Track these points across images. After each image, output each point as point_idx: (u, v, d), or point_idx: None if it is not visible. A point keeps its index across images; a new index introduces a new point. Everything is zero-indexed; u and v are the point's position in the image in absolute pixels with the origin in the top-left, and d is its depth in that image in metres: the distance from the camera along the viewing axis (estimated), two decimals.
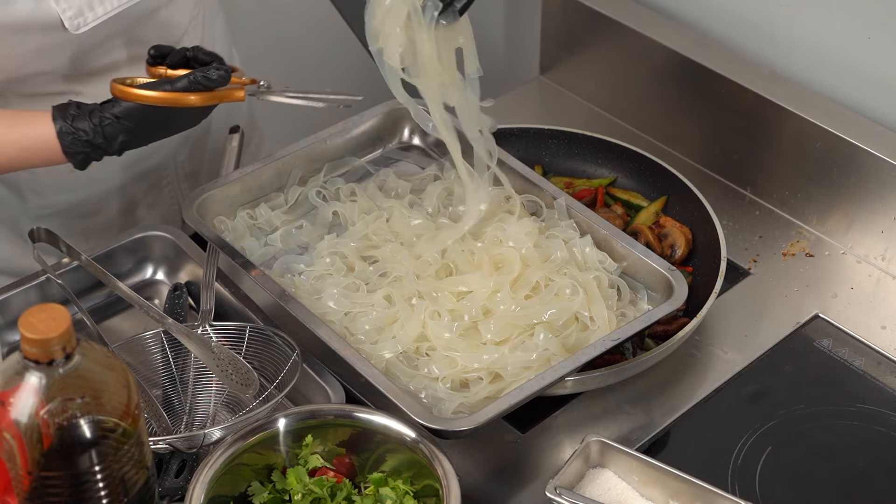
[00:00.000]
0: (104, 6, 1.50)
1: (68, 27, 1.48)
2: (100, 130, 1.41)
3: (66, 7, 1.47)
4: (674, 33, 1.90)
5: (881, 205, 1.71)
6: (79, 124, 1.41)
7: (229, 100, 1.44)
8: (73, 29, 1.48)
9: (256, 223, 1.63)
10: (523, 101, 2.08)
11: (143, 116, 1.41)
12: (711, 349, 1.61)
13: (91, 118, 1.41)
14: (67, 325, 1.06)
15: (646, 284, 1.54)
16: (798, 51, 1.82)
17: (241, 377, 1.43)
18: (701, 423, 1.52)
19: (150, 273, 1.66)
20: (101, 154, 1.43)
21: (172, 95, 1.40)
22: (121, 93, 1.41)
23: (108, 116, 1.41)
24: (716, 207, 1.69)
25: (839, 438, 1.51)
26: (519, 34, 2.38)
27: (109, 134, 1.41)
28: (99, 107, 1.42)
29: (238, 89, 1.44)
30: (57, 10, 1.46)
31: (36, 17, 1.46)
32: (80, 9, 1.48)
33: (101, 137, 1.41)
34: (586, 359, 1.40)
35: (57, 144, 1.41)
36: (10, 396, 1.07)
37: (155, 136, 1.46)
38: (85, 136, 1.41)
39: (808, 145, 1.76)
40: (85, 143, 1.41)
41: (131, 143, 1.43)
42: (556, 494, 1.32)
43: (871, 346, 1.62)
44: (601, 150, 1.82)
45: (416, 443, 1.31)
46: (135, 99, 1.41)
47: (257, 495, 1.32)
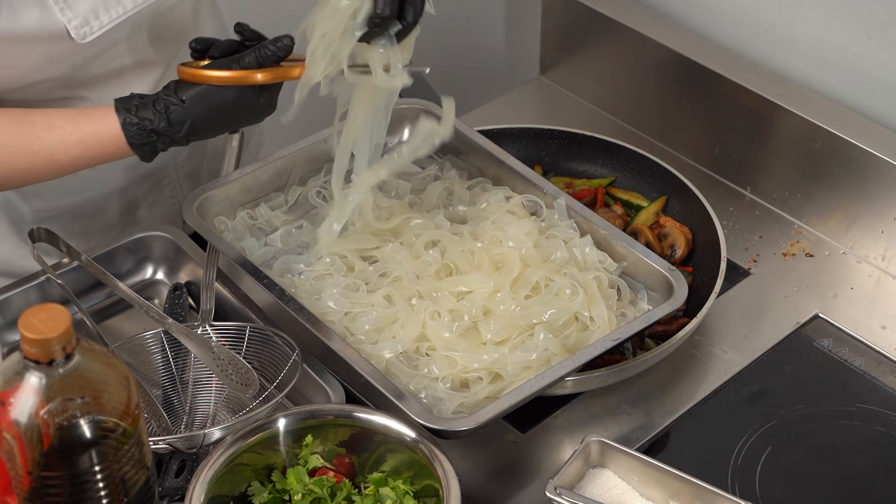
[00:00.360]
0: (109, 14, 1.48)
1: (74, 37, 1.46)
2: (165, 117, 1.40)
3: (71, 17, 1.45)
4: (674, 33, 1.90)
5: (881, 205, 1.71)
6: (143, 113, 1.40)
7: (289, 77, 1.42)
8: (79, 38, 1.47)
9: (256, 223, 1.63)
10: (523, 101, 2.08)
11: (210, 99, 1.40)
12: (711, 349, 1.61)
13: (155, 105, 1.40)
14: (67, 325, 1.06)
15: (646, 284, 1.54)
16: (798, 51, 1.82)
17: (241, 377, 1.43)
18: (701, 423, 1.52)
19: (150, 273, 1.66)
20: (167, 143, 1.42)
21: (239, 73, 1.39)
22: (188, 75, 1.40)
23: (174, 101, 1.40)
24: (716, 207, 1.69)
25: (839, 438, 1.51)
26: (519, 34, 2.38)
27: (175, 119, 1.40)
28: (162, 93, 1.41)
29: (296, 66, 1.42)
30: (63, 20, 1.45)
31: (42, 28, 1.44)
32: (85, 18, 1.46)
33: (166, 124, 1.40)
34: (586, 359, 1.40)
35: (122, 137, 1.40)
36: (10, 396, 1.07)
37: (221, 123, 1.44)
38: (150, 124, 1.40)
39: (808, 145, 1.76)
40: (150, 132, 1.40)
41: (198, 129, 1.42)
42: (556, 494, 1.32)
43: (871, 346, 1.62)
44: (601, 150, 1.82)
45: (416, 443, 1.31)
46: (202, 80, 1.39)
47: (257, 495, 1.32)
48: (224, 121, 1.45)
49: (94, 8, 1.47)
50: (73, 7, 1.45)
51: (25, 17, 1.43)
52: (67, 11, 1.45)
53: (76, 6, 1.45)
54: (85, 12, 1.46)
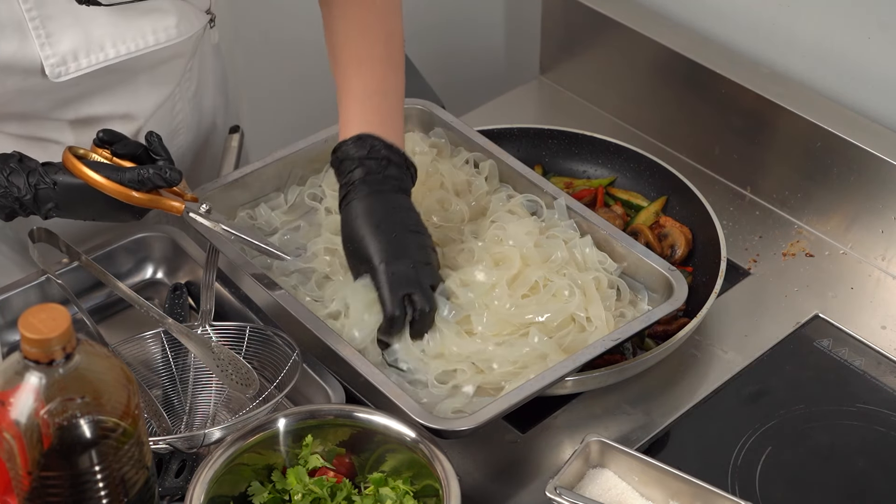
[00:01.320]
0: (89, 59, 1.45)
1: (49, 75, 1.44)
2: (32, 192, 1.41)
3: (50, 54, 1.43)
4: (674, 33, 1.90)
5: (881, 205, 1.71)
6: (14, 179, 1.41)
7: (166, 209, 1.43)
8: (52, 77, 1.44)
9: (256, 223, 1.63)
10: (523, 101, 2.08)
11: (80, 195, 1.41)
12: (711, 349, 1.61)
13: (29, 177, 1.40)
14: (67, 325, 1.06)
15: (646, 284, 1.54)
16: (798, 51, 1.82)
17: (241, 377, 1.43)
18: (701, 423, 1.52)
19: (150, 273, 1.66)
20: (27, 212, 1.43)
21: (117, 187, 1.40)
22: (70, 165, 1.41)
23: (47, 182, 1.41)
24: (716, 207, 1.69)
25: (839, 438, 1.51)
26: (519, 34, 2.38)
27: (41, 198, 1.41)
28: (42, 168, 1.42)
29: (177, 200, 1.44)
30: (40, 55, 1.42)
31: (17, 60, 1.42)
32: (63, 57, 1.44)
33: (31, 198, 1.41)
34: (586, 359, 1.40)
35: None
36: (10, 396, 1.07)
37: (83, 216, 1.46)
38: (17, 192, 1.41)
39: (808, 145, 1.76)
40: (14, 199, 1.41)
41: (60, 213, 1.43)
42: (556, 494, 1.32)
43: (871, 346, 1.62)
44: (601, 150, 1.82)
45: (416, 443, 1.32)
46: (80, 176, 1.40)
47: (257, 495, 1.32)
48: (86, 215, 1.46)
49: (74, 49, 1.44)
50: (53, 45, 1.42)
51: (3, 46, 1.40)
52: (48, 48, 1.42)
53: (57, 44, 1.43)
54: (65, 52, 1.43)
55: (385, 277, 1.43)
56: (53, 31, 1.42)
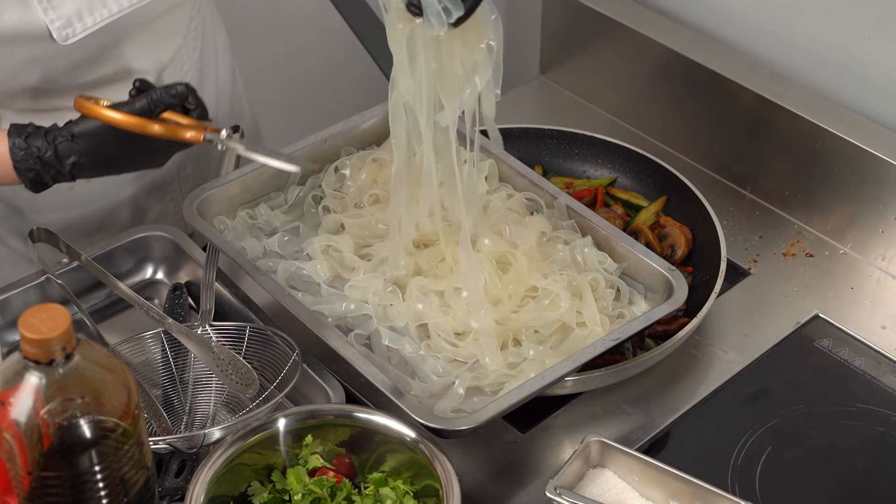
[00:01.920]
0: (93, 17, 1.46)
1: (56, 38, 1.44)
2: (52, 147, 1.37)
3: (54, 17, 1.43)
4: (674, 33, 1.90)
5: (881, 205, 1.71)
6: (33, 140, 1.37)
7: (185, 139, 1.37)
8: (61, 40, 1.44)
9: (256, 223, 1.63)
10: (523, 101, 2.08)
11: (100, 139, 1.37)
12: (711, 349, 1.61)
13: (46, 135, 1.37)
14: (67, 325, 1.06)
15: (646, 284, 1.54)
16: (798, 51, 1.82)
17: (241, 377, 1.43)
18: (701, 423, 1.52)
19: (150, 273, 1.66)
20: (52, 174, 1.39)
21: (134, 120, 1.35)
22: (83, 108, 1.37)
23: (64, 134, 1.37)
24: (716, 207, 1.69)
25: (839, 438, 1.51)
26: (519, 34, 2.38)
27: (62, 152, 1.37)
28: (57, 124, 1.39)
29: (198, 130, 1.37)
30: (45, 19, 1.43)
31: (23, 27, 1.42)
32: (68, 19, 1.44)
33: (52, 154, 1.37)
34: (586, 359, 1.40)
35: (9, 161, 1.38)
36: (10, 396, 1.07)
37: (109, 165, 1.41)
38: (38, 151, 1.37)
39: (808, 145, 1.76)
40: (36, 159, 1.37)
41: (83, 166, 1.38)
42: (556, 494, 1.32)
43: (871, 346, 1.62)
44: (601, 150, 1.82)
45: (416, 443, 1.32)
46: (95, 116, 1.36)
47: (257, 495, 1.32)
48: (110, 166, 1.41)
49: (77, 10, 1.45)
50: (56, 8, 1.43)
51: (6, 16, 1.41)
52: (51, 12, 1.43)
53: (60, 7, 1.43)
54: (68, 13, 1.44)
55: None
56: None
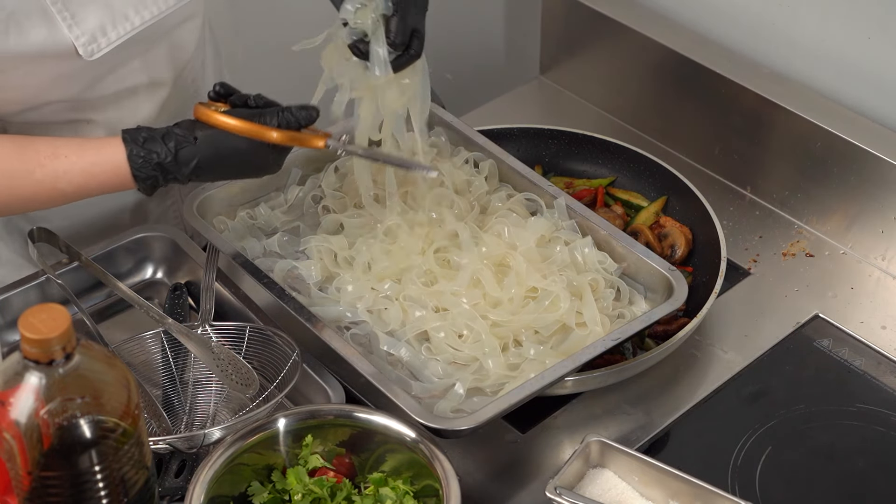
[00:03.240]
0: (117, 31, 1.47)
1: (82, 54, 1.45)
2: (173, 152, 1.37)
3: (79, 34, 1.44)
4: (674, 33, 1.90)
5: (881, 205, 1.71)
6: (151, 146, 1.38)
7: (308, 145, 1.41)
8: (87, 56, 1.45)
9: (256, 223, 1.63)
10: (523, 101, 2.08)
11: (221, 144, 1.38)
12: (711, 349, 1.61)
13: (165, 140, 1.38)
14: (67, 325, 1.06)
15: (646, 284, 1.54)
16: (798, 51, 1.82)
17: (241, 377, 1.43)
18: (701, 423, 1.52)
19: (150, 273, 1.66)
20: (170, 179, 1.40)
21: (255, 127, 1.37)
22: (204, 116, 1.38)
23: (187, 139, 1.38)
24: (716, 207, 1.69)
25: (839, 438, 1.51)
26: (519, 34, 2.38)
27: (183, 157, 1.38)
28: (174, 129, 1.39)
29: (318, 137, 1.42)
30: (70, 37, 1.43)
31: (49, 46, 1.43)
32: (93, 35, 1.45)
33: (173, 159, 1.38)
34: (586, 359, 1.40)
35: (126, 168, 1.38)
36: (10, 396, 1.07)
37: (228, 169, 1.42)
38: (157, 157, 1.38)
39: (808, 145, 1.76)
40: (156, 165, 1.38)
41: (203, 171, 1.40)
42: (556, 494, 1.32)
43: (871, 346, 1.62)
44: (601, 150, 1.82)
45: (416, 443, 1.32)
46: (217, 124, 1.38)
47: (257, 495, 1.32)
48: (229, 168, 1.42)
49: (101, 24, 1.45)
50: (80, 23, 1.44)
51: (33, 36, 1.41)
52: (75, 28, 1.43)
53: (83, 22, 1.44)
54: (92, 29, 1.45)
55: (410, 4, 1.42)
56: (76, 10, 1.43)
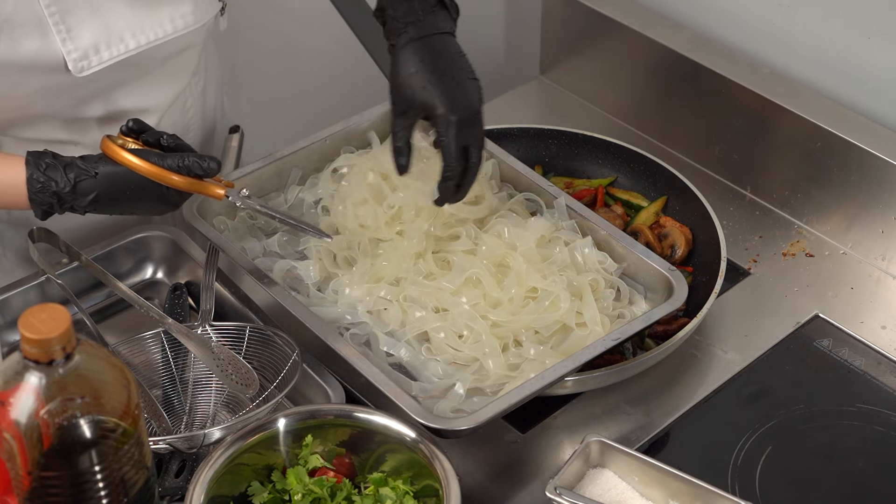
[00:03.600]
0: (110, 51, 1.46)
1: (72, 69, 1.44)
2: (72, 184, 1.38)
3: (71, 49, 1.44)
4: (674, 33, 1.90)
5: (881, 205, 1.71)
6: (51, 174, 1.38)
7: (207, 194, 1.42)
8: (76, 72, 1.45)
9: (256, 223, 1.63)
10: (523, 101, 2.08)
11: (122, 181, 1.38)
12: (711, 349, 1.61)
13: (66, 171, 1.38)
14: (67, 325, 1.06)
15: (646, 284, 1.54)
16: (798, 51, 1.82)
17: (241, 377, 1.43)
18: (701, 423, 1.52)
19: (150, 273, 1.66)
20: (65, 209, 1.40)
21: (159, 171, 1.38)
22: (110, 151, 1.38)
23: (88, 172, 1.38)
24: (716, 207, 1.69)
25: (839, 438, 1.51)
26: (519, 34, 2.38)
27: (82, 190, 1.38)
28: (78, 160, 1.39)
29: (219, 186, 1.42)
30: (62, 50, 1.43)
31: (41, 58, 1.43)
32: (85, 52, 1.44)
33: (71, 190, 1.38)
34: (586, 359, 1.40)
35: (24, 190, 1.38)
36: (10, 396, 1.07)
37: (124, 206, 1.42)
38: (55, 186, 1.38)
39: (808, 145, 1.76)
40: (53, 193, 1.38)
41: (101, 205, 1.40)
42: (556, 494, 1.32)
43: (871, 346, 1.62)
44: (601, 150, 1.82)
45: (416, 443, 1.32)
46: (122, 161, 1.38)
47: (257, 495, 1.32)
48: (127, 205, 1.42)
49: (95, 43, 1.45)
50: (74, 39, 1.43)
51: (25, 45, 1.41)
52: (69, 43, 1.43)
53: (78, 38, 1.44)
54: (86, 46, 1.44)
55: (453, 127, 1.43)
56: (73, 25, 1.43)
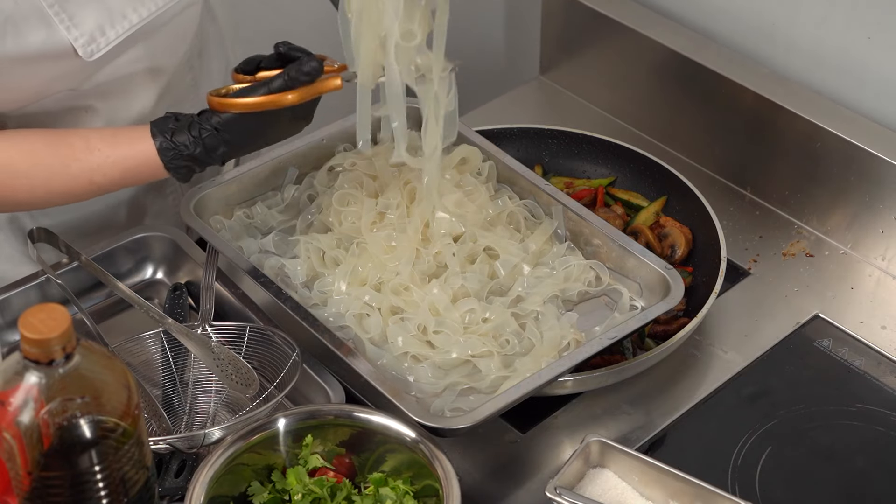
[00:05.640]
0: (115, 29, 1.47)
1: (82, 55, 1.44)
2: (200, 142, 1.40)
3: (77, 35, 1.44)
4: (674, 33, 1.90)
5: (881, 205, 1.71)
6: (178, 138, 1.40)
7: (326, 90, 1.41)
8: (86, 56, 1.45)
9: (253, 222, 1.63)
10: (523, 101, 2.07)
11: (244, 124, 1.40)
12: (711, 349, 1.61)
13: (190, 130, 1.40)
14: (67, 325, 1.06)
15: (643, 284, 1.54)
16: (798, 51, 1.82)
17: (241, 377, 1.43)
18: (701, 423, 1.52)
19: (150, 273, 1.66)
20: (204, 166, 1.43)
21: (269, 98, 1.38)
22: (218, 105, 1.40)
23: (208, 127, 1.40)
24: (716, 207, 1.69)
25: (839, 438, 1.51)
26: (519, 34, 2.38)
27: (210, 146, 1.41)
28: (197, 118, 1.41)
29: (334, 78, 1.41)
30: (69, 38, 1.43)
31: (48, 47, 1.42)
32: (92, 35, 1.45)
33: (202, 149, 1.40)
34: (581, 358, 1.40)
35: (159, 161, 1.41)
36: (10, 396, 1.07)
37: (256, 143, 1.44)
38: (186, 150, 1.40)
39: (808, 145, 1.76)
40: (187, 157, 1.41)
41: (233, 152, 1.43)
42: (556, 494, 1.32)
43: (871, 346, 1.62)
44: (601, 150, 1.82)
45: (416, 443, 1.32)
46: (233, 108, 1.39)
47: (257, 495, 1.32)
48: (260, 141, 1.45)
49: (99, 24, 1.45)
50: (78, 25, 1.43)
51: (31, 38, 1.41)
52: (73, 30, 1.43)
53: (82, 24, 1.44)
54: (91, 29, 1.44)
55: None
56: (74, 12, 1.43)
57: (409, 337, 1.45)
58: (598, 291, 1.54)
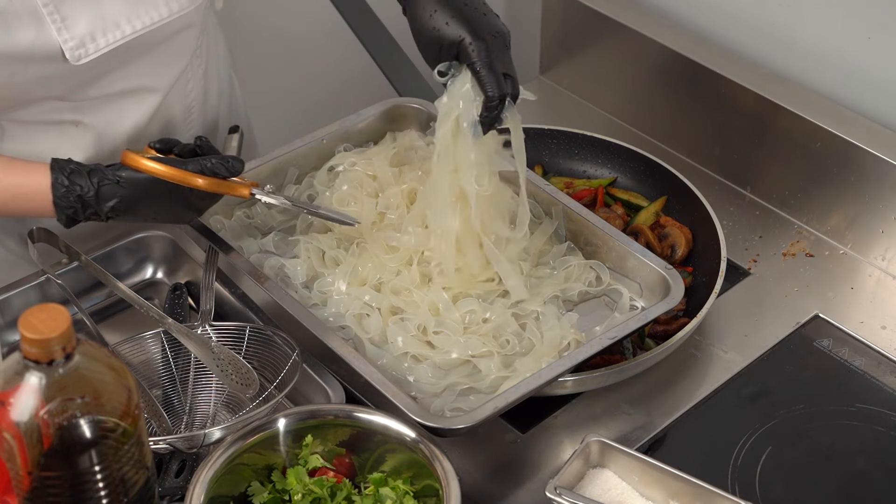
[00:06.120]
0: (106, 38, 1.46)
1: (69, 58, 1.44)
2: (95, 188, 1.41)
3: (68, 38, 1.43)
4: (674, 33, 1.91)
5: (881, 205, 1.71)
6: (75, 179, 1.41)
7: (234, 193, 1.46)
8: (73, 60, 1.45)
9: (253, 222, 1.63)
10: (523, 101, 2.07)
11: (145, 188, 1.42)
12: (711, 349, 1.61)
13: (91, 176, 1.41)
14: (67, 325, 1.06)
15: (643, 284, 1.54)
16: (798, 51, 1.82)
17: (241, 377, 1.43)
18: (701, 423, 1.52)
19: (150, 273, 1.66)
20: (89, 214, 1.43)
21: (182, 174, 1.41)
22: (131, 160, 1.42)
23: (111, 178, 1.41)
24: (716, 207, 1.69)
25: (839, 438, 1.51)
26: (519, 34, 2.37)
27: (104, 194, 1.41)
28: (102, 168, 1.42)
29: (244, 185, 1.46)
30: (58, 40, 1.43)
31: (37, 47, 1.42)
32: (82, 40, 1.44)
33: (94, 195, 1.41)
34: (581, 358, 1.40)
35: (49, 196, 1.41)
36: (10, 396, 1.07)
37: (147, 211, 1.45)
38: (79, 190, 1.41)
39: (808, 145, 1.76)
40: (77, 198, 1.41)
41: (123, 210, 1.43)
42: (556, 494, 1.32)
43: (871, 346, 1.62)
44: (601, 150, 1.82)
45: (416, 443, 1.32)
46: (143, 169, 1.41)
47: (257, 495, 1.32)
48: (150, 210, 1.45)
49: (91, 31, 1.45)
50: (70, 28, 1.43)
51: (21, 36, 1.41)
52: (64, 32, 1.43)
53: (73, 27, 1.43)
54: (82, 34, 1.44)
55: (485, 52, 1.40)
56: (68, 14, 1.43)
57: (409, 337, 1.46)
58: (598, 291, 1.55)
